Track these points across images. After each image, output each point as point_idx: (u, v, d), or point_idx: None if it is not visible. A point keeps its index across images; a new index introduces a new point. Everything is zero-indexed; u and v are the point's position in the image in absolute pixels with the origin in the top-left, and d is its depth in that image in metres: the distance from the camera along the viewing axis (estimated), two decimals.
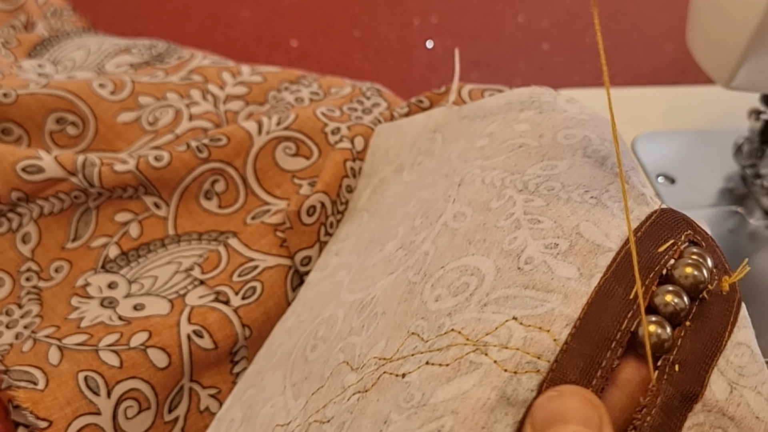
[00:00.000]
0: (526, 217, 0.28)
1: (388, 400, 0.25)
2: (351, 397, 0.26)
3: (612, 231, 0.26)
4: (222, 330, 0.39)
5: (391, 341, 0.27)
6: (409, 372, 0.25)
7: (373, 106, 0.49)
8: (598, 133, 0.32)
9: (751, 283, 0.47)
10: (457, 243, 0.28)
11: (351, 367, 0.28)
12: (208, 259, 0.41)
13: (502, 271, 0.26)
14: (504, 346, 0.23)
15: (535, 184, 0.29)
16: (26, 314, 0.40)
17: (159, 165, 0.43)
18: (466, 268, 0.27)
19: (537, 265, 0.26)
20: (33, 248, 0.42)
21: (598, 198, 0.28)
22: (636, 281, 0.24)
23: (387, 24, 0.68)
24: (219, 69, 0.52)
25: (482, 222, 0.29)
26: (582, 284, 0.25)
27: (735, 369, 0.24)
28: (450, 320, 0.25)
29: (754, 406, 0.24)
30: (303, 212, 0.41)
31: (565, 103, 0.35)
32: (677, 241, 0.26)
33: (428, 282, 0.28)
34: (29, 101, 0.46)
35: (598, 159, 0.30)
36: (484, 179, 0.31)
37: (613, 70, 0.66)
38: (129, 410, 0.36)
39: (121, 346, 0.36)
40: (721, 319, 0.25)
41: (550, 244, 0.26)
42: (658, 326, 0.24)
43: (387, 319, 0.28)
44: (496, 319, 0.24)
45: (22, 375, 0.35)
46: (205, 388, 0.39)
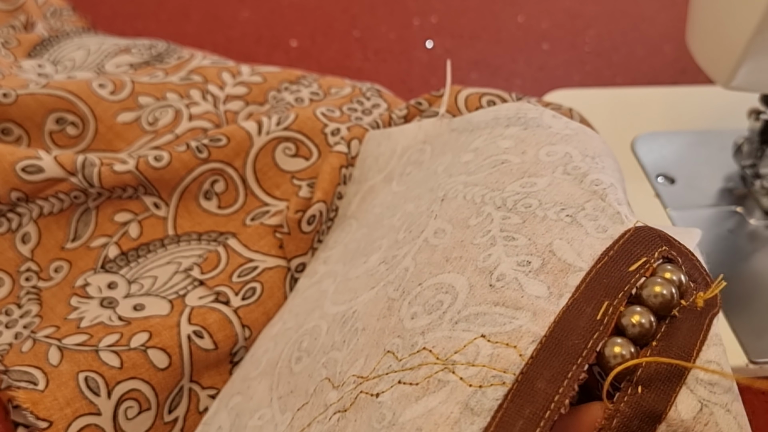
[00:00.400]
0: (501, 234, 0.28)
1: (363, 421, 0.25)
2: (332, 417, 0.26)
3: (584, 250, 0.27)
4: (222, 330, 0.39)
5: (369, 359, 0.27)
6: (382, 392, 0.25)
7: (373, 107, 0.49)
8: (581, 149, 0.32)
9: (751, 283, 0.47)
10: (435, 260, 0.29)
11: (333, 384, 0.29)
12: (207, 260, 0.41)
13: (474, 288, 0.26)
14: (471, 364, 0.24)
15: (513, 201, 0.30)
16: (26, 314, 0.40)
17: (159, 165, 0.43)
18: (441, 285, 0.27)
19: (508, 282, 0.26)
20: (32, 248, 0.42)
21: (573, 216, 0.28)
22: (603, 302, 0.24)
23: (387, 24, 0.68)
24: (219, 69, 0.52)
25: (460, 239, 0.29)
26: (551, 303, 0.25)
27: (705, 386, 0.24)
28: (423, 339, 0.26)
29: (722, 425, 0.24)
30: (304, 221, 0.41)
31: (551, 118, 0.35)
32: (650, 259, 0.26)
33: (406, 299, 0.28)
34: (29, 101, 0.46)
35: (578, 176, 0.31)
36: (465, 195, 0.32)
37: (613, 70, 0.66)
38: (129, 411, 0.36)
39: (122, 347, 0.36)
40: (690, 338, 0.25)
41: (522, 261, 0.26)
42: (622, 347, 0.24)
43: (366, 335, 0.29)
44: (465, 337, 0.25)
45: (22, 375, 0.35)
46: (205, 389, 0.39)
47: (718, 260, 0.48)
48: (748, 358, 0.43)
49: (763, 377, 0.43)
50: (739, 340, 0.43)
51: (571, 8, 0.73)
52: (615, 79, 0.65)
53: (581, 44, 0.68)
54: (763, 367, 0.43)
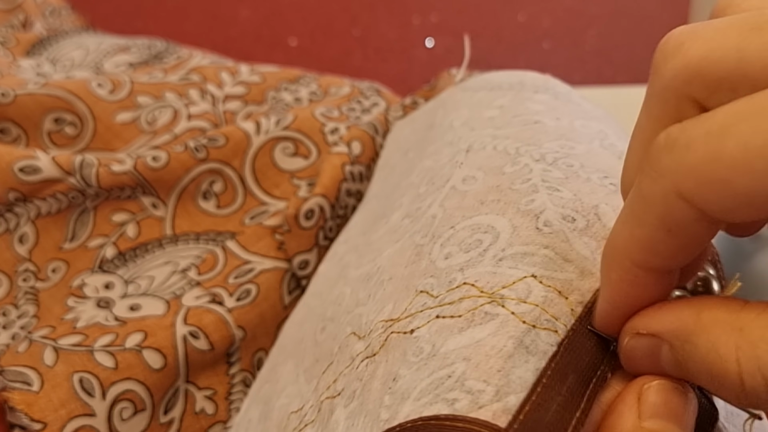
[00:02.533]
0: (544, 184, 0.26)
1: (396, 358, 0.23)
2: (360, 365, 0.25)
3: None
4: (218, 331, 0.38)
5: (399, 303, 0.25)
6: (418, 327, 0.23)
7: (372, 105, 0.49)
8: (614, 130, 0.32)
9: (751, 283, 0.47)
10: (467, 203, 0.27)
11: (358, 336, 0.27)
12: (205, 261, 0.41)
13: (519, 229, 0.24)
14: (523, 300, 0.22)
15: (553, 158, 0.28)
16: (23, 315, 0.40)
17: (157, 165, 0.43)
18: (479, 226, 0.25)
19: (556, 230, 0.24)
20: (30, 249, 0.42)
21: (617, 185, 0.27)
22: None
23: (387, 23, 0.68)
24: (218, 68, 0.52)
25: (496, 184, 0.27)
26: (596, 267, 0.23)
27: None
28: (462, 275, 0.24)
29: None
30: (301, 215, 0.41)
31: (580, 98, 0.35)
32: None
33: (437, 242, 0.26)
34: (27, 101, 0.45)
35: (615, 152, 0.29)
36: (496, 146, 0.30)
37: (615, 69, 0.66)
38: (124, 412, 0.35)
39: (116, 347, 0.36)
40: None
41: (567, 216, 0.25)
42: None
43: (394, 283, 0.27)
44: (513, 274, 0.23)
45: (16, 376, 0.35)
46: (201, 390, 0.39)
47: None
48: None
49: None
50: None
51: (572, 7, 0.72)
52: (616, 78, 0.64)
53: (582, 43, 0.68)
54: None
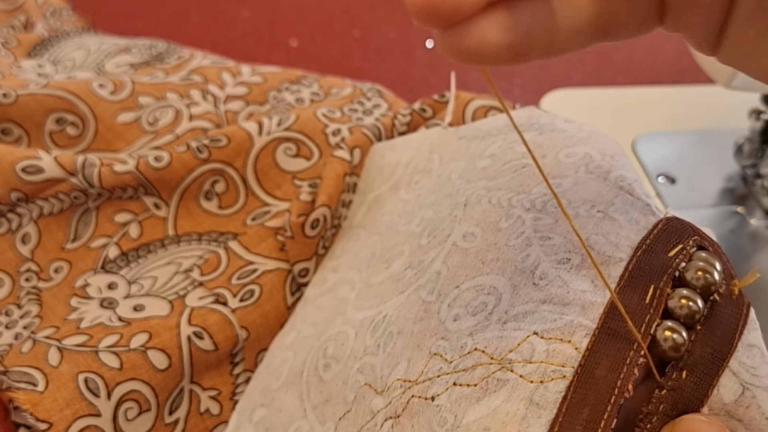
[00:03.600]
0: (536, 235, 0.28)
1: (422, 425, 0.25)
2: (384, 424, 0.26)
3: (621, 241, 0.27)
4: (222, 331, 0.38)
5: (413, 362, 0.27)
6: (437, 395, 0.25)
7: (373, 107, 0.49)
8: (599, 149, 0.33)
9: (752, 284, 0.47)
10: (469, 262, 0.29)
11: (375, 390, 0.29)
12: (207, 261, 0.41)
13: (518, 288, 0.26)
14: (528, 361, 0.24)
15: (542, 203, 0.30)
16: (26, 315, 0.40)
17: (159, 165, 0.43)
18: (482, 287, 0.27)
19: (552, 279, 0.26)
20: (32, 249, 0.42)
21: (604, 212, 0.28)
22: (650, 286, 0.25)
23: (387, 24, 0.68)
24: (219, 69, 0.52)
25: (493, 241, 0.29)
26: (597, 296, 0.25)
27: (748, 370, 0.24)
28: (472, 340, 0.26)
29: (764, 407, 0.24)
30: (308, 225, 0.41)
31: (564, 123, 0.35)
32: (686, 246, 0.26)
33: (444, 301, 0.28)
34: (29, 101, 0.45)
35: (601, 174, 0.31)
36: (490, 199, 0.32)
37: (614, 70, 0.66)
38: (129, 412, 0.35)
39: (121, 348, 0.36)
40: (732, 322, 0.25)
41: (562, 259, 0.27)
42: (674, 331, 0.24)
43: (404, 338, 0.29)
44: (517, 336, 0.25)
45: (21, 376, 0.35)
46: (206, 390, 0.39)
47: None
48: None
49: None
50: None
51: None
52: (615, 79, 0.65)
53: None
54: None
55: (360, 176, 0.44)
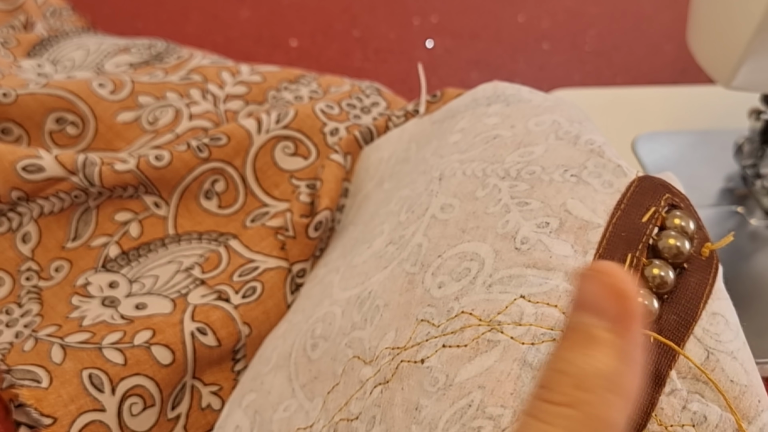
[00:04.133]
0: (513, 201, 0.29)
1: (413, 386, 0.25)
2: (373, 390, 0.27)
3: (597, 206, 0.28)
4: (225, 328, 0.39)
5: (401, 330, 0.28)
6: (427, 357, 0.26)
7: (372, 105, 0.49)
8: (566, 116, 0.34)
9: (751, 283, 0.47)
10: (450, 232, 0.29)
11: (363, 361, 0.29)
12: (208, 260, 0.41)
13: (501, 253, 0.27)
14: (518, 323, 0.25)
15: (516, 170, 0.30)
16: (26, 313, 0.40)
17: (159, 164, 0.43)
18: (465, 254, 0.28)
19: (533, 244, 0.27)
20: (33, 248, 0.42)
21: (578, 176, 0.29)
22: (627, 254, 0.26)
23: (387, 24, 0.68)
24: (218, 68, 0.52)
25: (472, 210, 0.30)
26: (578, 261, 0.26)
27: (712, 336, 0.26)
28: (458, 303, 0.27)
29: (728, 371, 0.25)
30: (311, 226, 0.41)
31: (529, 93, 0.37)
32: (658, 208, 0.27)
33: (427, 271, 0.29)
34: (29, 101, 0.46)
35: (570, 139, 0.32)
36: (464, 171, 0.32)
37: (614, 70, 0.66)
38: (134, 407, 0.36)
39: (125, 344, 0.36)
40: (698, 291, 0.26)
41: (541, 223, 0.28)
42: (646, 299, 0.25)
43: (391, 310, 0.29)
44: (504, 299, 0.26)
45: (25, 374, 0.35)
46: (207, 386, 0.39)
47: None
48: None
49: (762, 377, 0.43)
50: None
51: (572, 8, 0.73)
52: (615, 79, 0.65)
53: (582, 44, 0.68)
54: (763, 367, 0.43)
55: (351, 181, 0.45)
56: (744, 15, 0.42)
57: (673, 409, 0.24)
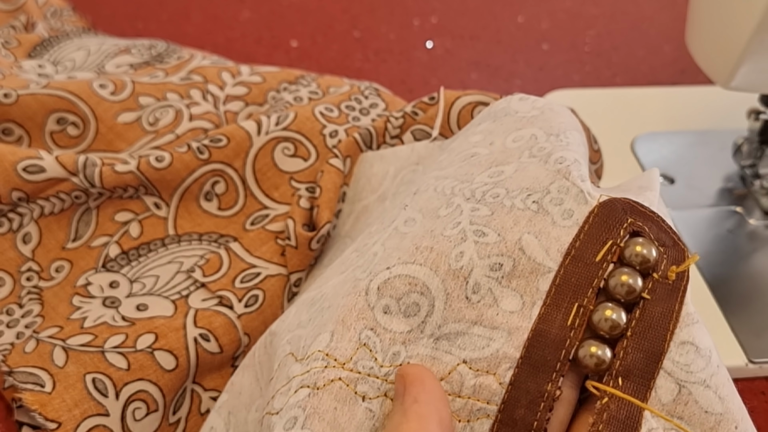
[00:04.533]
0: (471, 228, 0.29)
1: (349, 418, 0.26)
2: (299, 391, 0.26)
3: (552, 245, 0.27)
4: (227, 335, 0.39)
5: (338, 339, 0.27)
6: (369, 397, 0.26)
7: (371, 106, 0.49)
8: (546, 128, 0.33)
9: (750, 283, 0.47)
10: (404, 246, 0.29)
11: (295, 357, 0.29)
12: (209, 262, 0.41)
13: (451, 298, 0.27)
14: (457, 395, 0.26)
15: (482, 192, 0.30)
16: (27, 314, 0.40)
17: (160, 166, 0.43)
18: (415, 281, 0.28)
19: (483, 294, 0.27)
20: (33, 248, 0.42)
21: (539, 203, 0.29)
22: (573, 305, 0.26)
23: (387, 24, 0.69)
24: (219, 69, 0.52)
25: (430, 228, 0.29)
26: (524, 318, 0.26)
27: (682, 368, 0.25)
28: (405, 351, 0.27)
29: (702, 402, 0.25)
30: (314, 240, 0.41)
31: (518, 102, 0.36)
32: (616, 240, 0.27)
33: (373, 280, 0.28)
34: (30, 101, 0.46)
35: (542, 157, 0.31)
36: (436, 188, 0.32)
37: (613, 70, 0.66)
38: (137, 412, 0.36)
39: (128, 348, 0.37)
40: (662, 323, 0.26)
41: (494, 264, 0.27)
42: (597, 348, 0.25)
43: (330, 312, 0.29)
44: (448, 362, 0.26)
45: (27, 377, 0.35)
46: (207, 391, 0.39)
47: (718, 260, 0.48)
48: (747, 358, 0.43)
49: (762, 377, 0.43)
50: (738, 339, 0.43)
51: (571, 8, 0.73)
52: (615, 80, 0.65)
53: (581, 44, 0.68)
54: (762, 366, 0.43)
55: (349, 185, 0.45)
56: (742, 16, 0.42)
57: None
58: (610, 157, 0.46)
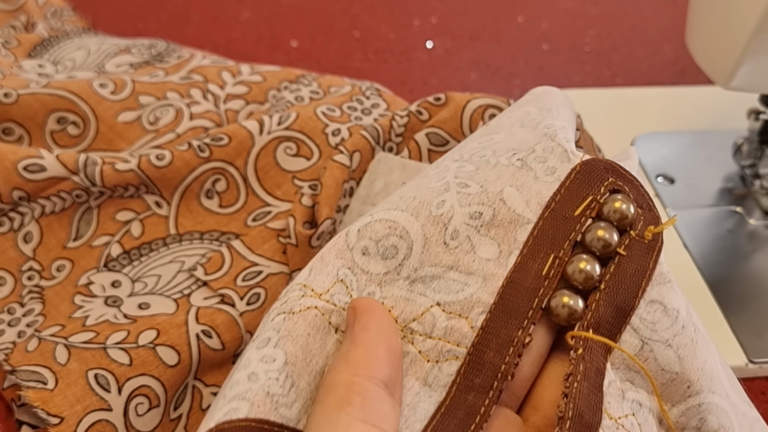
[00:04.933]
0: (455, 181, 0.29)
1: (319, 346, 0.25)
2: (275, 318, 0.26)
3: (532, 197, 0.28)
4: (229, 332, 0.39)
5: (315, 272, 0.28)
6: (341, 330, 0.26)
7: (372, 106, 0.49)
8: (539, 106, 0.34)
9: (750, 283, 0.47)
10: (390, 199, 0.30)
11: (280, 300, 0.29)
12: (211, 260, 0.41)
13: (429, 242, 0.27)
14: (428, 336, 0.26)
15: (470, 154, 0.31)
16: (28, 312, 0.40)
17: (161, 164, 0.43)
18: (395, 225, 0.28)
19: (461, 241, 0.27)
20: (34, 247, 0.42)
21: (523, 160, 0.29)
22: (549, 256, 0.26)
23: (387, 24, 0.69)
24: (219, 68, 0.52)
25: (416, 184, 0.30)
26: (500, 266, 0.27)
27: (647, 325, 0.26)
28: (380, 291, 0.27)
29: (660, 360, 0.26)
30: (314, 237, 0.41)
31: (526, 96, 0.36)
32: (596, 196, 0.27)
33: (355, 225, 0.29)
34: (30, 101, 0.46)
35: (531, 125, 0.32)
36: (436, 164, 0.33)
37: (613, 70, 0.66)
38: (140, 407, 0.36)
39: (130, 344, 0.37)
40: (635, 281, 0.26)
41: (474, 213, 0.28)
42: (570, 298, 0.26)
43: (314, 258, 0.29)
44: (422, 303, 0.26)
45: (30, 375, 0.35)
46: (208, 386, 0.39)
47: (717, 260, 0.48)
48: (747, 358, 0.43)
49: (762, 377, 0.43)
50: (738, 339, 0.43)
51: (571, 9, 0.73)
52: (615, 80, 0.65)
53: (581, 45, 0.68)
54: (762, 366, 0.43)
55: (359, 181, 0.44)
56: (742, 16, 0.42)
57: (616, 400, 0.25)
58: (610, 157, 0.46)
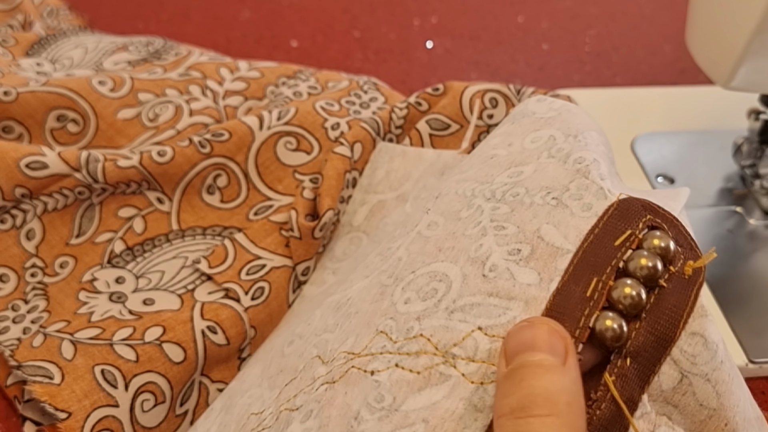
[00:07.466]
0: (492, 225, 0.29)
1: (356, 395, 0.26)
2: (319, 388, 0.27)
3: (570, 232, 0.27)
4: (234, 327, 0.39)
5: (360, 338, 0.28)
6: (378, 371, 0.26)
7: (370, 100, 0.49)
8: (564, 130, 0.33)
9: (750, 283, 0.47)
10: (428, 250, 0.29)
11: (322, 360, 0.29)
12: (214, 253, 0.41)
13: (468, 278, 0.27)
14: (471, 359, 0.25)
15: (502, 192, 0.30)
16: (33, 309, 0.40)
17: (162, 160, 0.43)
18: (435, 273, 0.28)
19: (500, 272, 0.27)
20: (37, 244, 0.42)
21: (558, 199, 0.29)
22: (593, 279, 0.26)
23: (387, 24, 0.69)
24: (217, 65, 0.52)
25: (452, 231, 0.30)
26: (542, 290, 0.26)
27: (688, 358, 0.26)
28: (419, 325, 0.27)
29: (699, 395, 0.25)
30: (317, 228, 0.41)
31: (535, 104, 0.36)
32: (635, 231, 0.27)
33: (399, 285, 0.29)
34: (30, 99, 0.45)
35: (561, 158, 0.31)
36: (457, 191, 0.33)
37: (613, 70, 0.66)
38: (146, 403, 0.36)
39: (136, 341, 0.37)
40: (677, 310, 0.26)
41: (513, 250, 0.27)
42: (614, 321, 0.25)
43: (358, 317, 0.29)
44: (462, 329, 0.26)
45: (36, 370, 0.35)
46: (215, 382, 0.39)
47: (717, 260, 0.48)
48: (747, 358, 0.43)
49: (762, 377, 0.43)
50: (738, 339, 0.43)
51: (571, 8, 0.73)
52: (615, 80, 0.65)
53: (581, 44, 0.68)
54: (762, 366, 0.43)
55: (362, 172, 0.44)
56: (742, 16, 0.42)
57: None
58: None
